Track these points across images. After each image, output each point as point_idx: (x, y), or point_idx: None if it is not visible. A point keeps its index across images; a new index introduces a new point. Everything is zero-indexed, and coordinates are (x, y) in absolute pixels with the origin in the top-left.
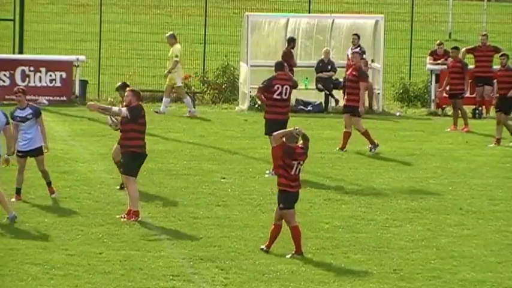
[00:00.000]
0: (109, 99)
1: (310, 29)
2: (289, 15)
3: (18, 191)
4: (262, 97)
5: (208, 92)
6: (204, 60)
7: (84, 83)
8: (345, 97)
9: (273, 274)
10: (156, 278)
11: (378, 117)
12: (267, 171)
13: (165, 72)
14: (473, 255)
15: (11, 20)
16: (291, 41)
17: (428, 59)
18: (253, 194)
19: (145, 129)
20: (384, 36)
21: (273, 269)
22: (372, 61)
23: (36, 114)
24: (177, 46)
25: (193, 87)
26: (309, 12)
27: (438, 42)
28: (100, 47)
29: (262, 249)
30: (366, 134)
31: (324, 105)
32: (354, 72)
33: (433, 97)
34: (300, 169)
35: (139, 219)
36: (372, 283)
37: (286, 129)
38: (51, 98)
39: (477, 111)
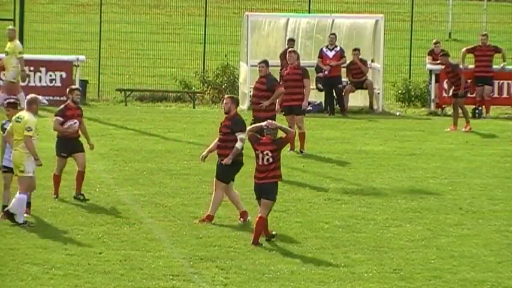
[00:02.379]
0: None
1: (310, 29)
2: (289, 15)
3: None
4: None
5: (208, 91)
6: (204, 60)
7: (84, 83)
8: (285, 97)
9: (273, 274)
10: (156, 277)
11: (378, 117)
12: None
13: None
14: (473, 255)
15: (10, 19)
16: (288, 42)
17: (428, 59)
18: (253, 194)
19: None
20: (384, 36)
21: (273, 269)
22: (372, 61)
23: None
24: (18, 41)
25: (193, 87)
26: (309, 12)
27: (435, 41)
28: (100, 47)
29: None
30: (303, 136)
31: (324, 105)
32: (298, 71)
33: (433, 97)
34: (268, 160)
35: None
36: (372, 283)
37: (258, 124)
38: (51, 97)
39: (477, 111)
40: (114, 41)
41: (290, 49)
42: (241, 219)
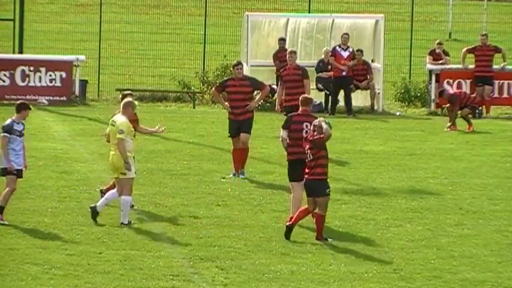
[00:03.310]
0: None
1: (310, 29)
2: (289, 15)
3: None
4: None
5: (208, 91)
6: (204, 60)
7: (84, 83)
8: (286, 97)
9: (273, 274)
10: (156, 277)
11: (378, 116)
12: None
13: None
14: (473, 255)
15: (11, 19)
16: (279, 41)
17: (428, 59)
18: (253, 194)
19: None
20: (384, 36)
21: (273, 269)
22: (372, 61)
23: None
24: None
25: (193, 87)
26: (309, 12)
27: (438, 41)
28: (100, 47)
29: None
30: None
31: (324, 105)
32: (298, 71)
33: (433, 97)
34: (309, 157)
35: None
36: (372, 283)
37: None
38: (51, 97)
39: (477, 111)
40: (114, 41)
41: (290, 49)
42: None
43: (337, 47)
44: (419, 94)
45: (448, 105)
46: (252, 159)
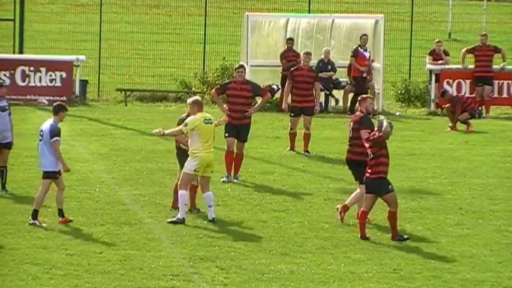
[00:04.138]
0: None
1: (310, 29)
2: (289, 15)
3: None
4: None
5: (208, 92)
6: (204, 60)
7: (84, 83)
8: (296, 97)
9: (273, 274)
10: (156, 277)
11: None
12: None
13: None
14: (473, 254)
15: (11, 19)
16: (287, 41)
17: (428, 59)
18: (253, 194)
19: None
20: (384, 36)
21: (273, 269)
22: (372, 61)
23: None
24: None
25: (193, 88)
26: (309, 12)
27: (437, 40)
28: (100, 47)
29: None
30: (308, 136)
31: (324, 105)
32: (312, 74)
33: (432, 97)
34: (369, 155)
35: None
36: (372, 283)
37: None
38: (51, 97)
39: (477, 111)
40: (114, 41)
41: (306, 50)
42: (342, 213)
43: (359, 48)
44: (419, 94)
45: (448, 105)
46: (252, 159)
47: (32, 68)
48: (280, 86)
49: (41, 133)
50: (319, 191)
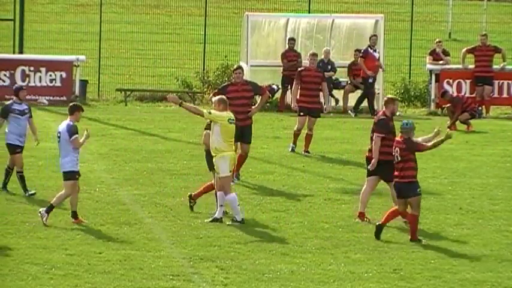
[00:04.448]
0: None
1: (310, 29)
2: (289, 15)
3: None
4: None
5: (208, 92)
6: (204, 60)
7: (84, 83)
8: (303, 98)
9: (273, 274)
10: (156, 277)
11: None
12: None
13: None
14: (473, 255)
15: (11, 19)
16: (288, 41)
17: (428, 59)
18: (253, 194)
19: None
20: (384, 36)
21: (273, 269)
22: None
23: None
24: None
25: (193, 87)
26: (309, 12)
27: (437, 40)
28: (100, 47)
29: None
30: (310, 137)
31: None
32: (319, 74)
33: (432, 97)
34: (397, 158)
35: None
36: (372, 283)
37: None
38: (51, 97)
39: (477, 111)
40: (114, 41)
41: (312, 52)
42: (358, 219)
43: (369, 48)
44: (419, 94)
45: (448, 105)
46: (252, 159)
47: (32, 68)
48: (280, 86)
49: (59, 134)
50: (319, 191)
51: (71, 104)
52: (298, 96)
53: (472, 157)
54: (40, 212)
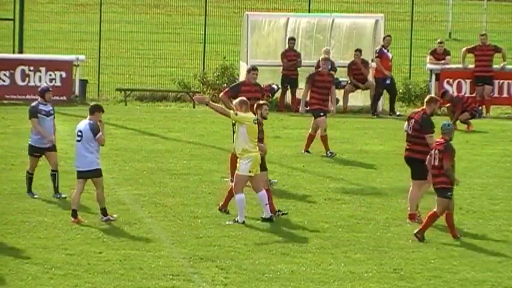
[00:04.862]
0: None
1: (310, 29)
2: (289, 15)
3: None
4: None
5: (208, 92)
6: (204, 60)
7: (84, 83)
8: (314, 100)
9: (273, 274)
10: (156, 277)
11: (378, 116)
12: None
13: None
14: (473, 254)
15: (10, 19)
16: (289, 41)
17: (429, 59)
18: (253, 193)
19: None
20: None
21: (273, 269)
22: (372, 61)
23: None
24: None
25: (192, 87)
26: (309, 12)
27: (439, 40)
28: (100, 47)
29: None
30: (312, 138)
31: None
32: (331, 78)
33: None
34: (435, 160)
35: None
36: (372, 283)
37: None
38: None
39: (477, 111)
40: (114, 41)
41: (323, 56)
42: (408, 220)
43: (383, 48)
44: (419, 94)
45: (448, 105)
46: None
47: (31, 68)
48: (280, 86)
49: (79, 133)
50: (319, 191)
51: (92, 104)
52: (309, 99)
53: (472, 157)
54: (103, 221)
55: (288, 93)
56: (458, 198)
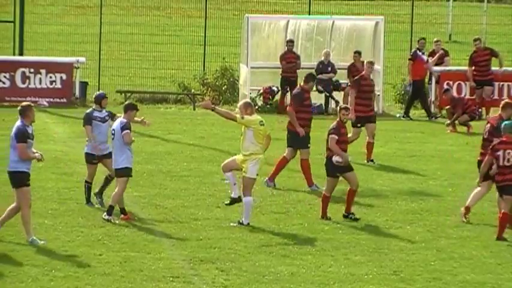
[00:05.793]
0: None
1: (310, 31)
2: (289, 17)
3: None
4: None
5: (208, 93)
6: (204, 61)
7: (84, 85)
8: (362, 108)
9: (273, 276)
10: (156, 279)
11: (378, 118)
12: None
13: None
14: (473, 256)
15: (11, 21)
16: (287, 43)
17: (429, 60)
18: (253, 195)
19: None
20: (384, 38)
21: (273, 271)
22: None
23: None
24: None
25: (193, 90)
26: (309, 14)
27: (435, 39)
28: (100, 49)
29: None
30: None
31: (324, 106)
32: (373, 83)
33: (433, 98)
34: (509, 160)
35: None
36: (372, 284)
37: None
38: (51, 99)
39: (477, 113)
40: (114, 43)
41: (369, 60)
42: (463, 209)
43: (418, 51)
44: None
45: (448, 107)
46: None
47: (32, 70)
48: (280, 88)
49: (113, 131)
50: (320, 192)
51: (126, 103)
52: (354, 105)
53: (472, 159)
54: (104, 218)
55: (288, 95)
56: (459, 200)
